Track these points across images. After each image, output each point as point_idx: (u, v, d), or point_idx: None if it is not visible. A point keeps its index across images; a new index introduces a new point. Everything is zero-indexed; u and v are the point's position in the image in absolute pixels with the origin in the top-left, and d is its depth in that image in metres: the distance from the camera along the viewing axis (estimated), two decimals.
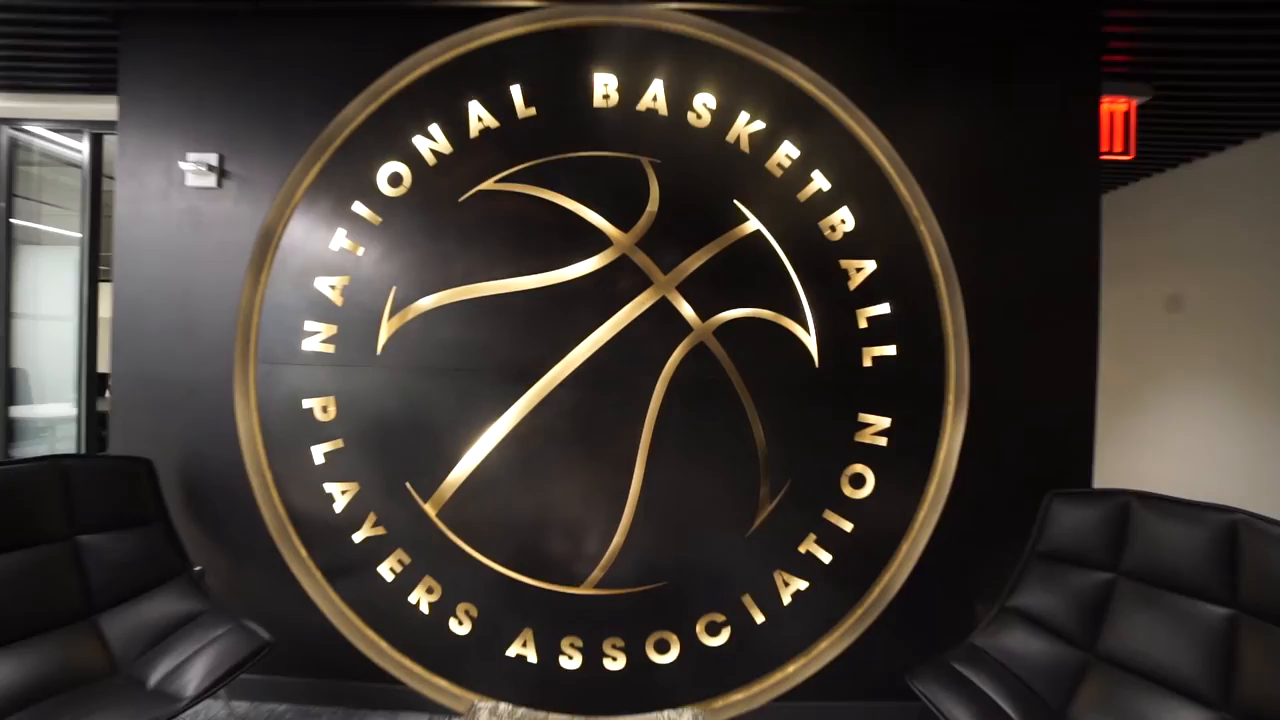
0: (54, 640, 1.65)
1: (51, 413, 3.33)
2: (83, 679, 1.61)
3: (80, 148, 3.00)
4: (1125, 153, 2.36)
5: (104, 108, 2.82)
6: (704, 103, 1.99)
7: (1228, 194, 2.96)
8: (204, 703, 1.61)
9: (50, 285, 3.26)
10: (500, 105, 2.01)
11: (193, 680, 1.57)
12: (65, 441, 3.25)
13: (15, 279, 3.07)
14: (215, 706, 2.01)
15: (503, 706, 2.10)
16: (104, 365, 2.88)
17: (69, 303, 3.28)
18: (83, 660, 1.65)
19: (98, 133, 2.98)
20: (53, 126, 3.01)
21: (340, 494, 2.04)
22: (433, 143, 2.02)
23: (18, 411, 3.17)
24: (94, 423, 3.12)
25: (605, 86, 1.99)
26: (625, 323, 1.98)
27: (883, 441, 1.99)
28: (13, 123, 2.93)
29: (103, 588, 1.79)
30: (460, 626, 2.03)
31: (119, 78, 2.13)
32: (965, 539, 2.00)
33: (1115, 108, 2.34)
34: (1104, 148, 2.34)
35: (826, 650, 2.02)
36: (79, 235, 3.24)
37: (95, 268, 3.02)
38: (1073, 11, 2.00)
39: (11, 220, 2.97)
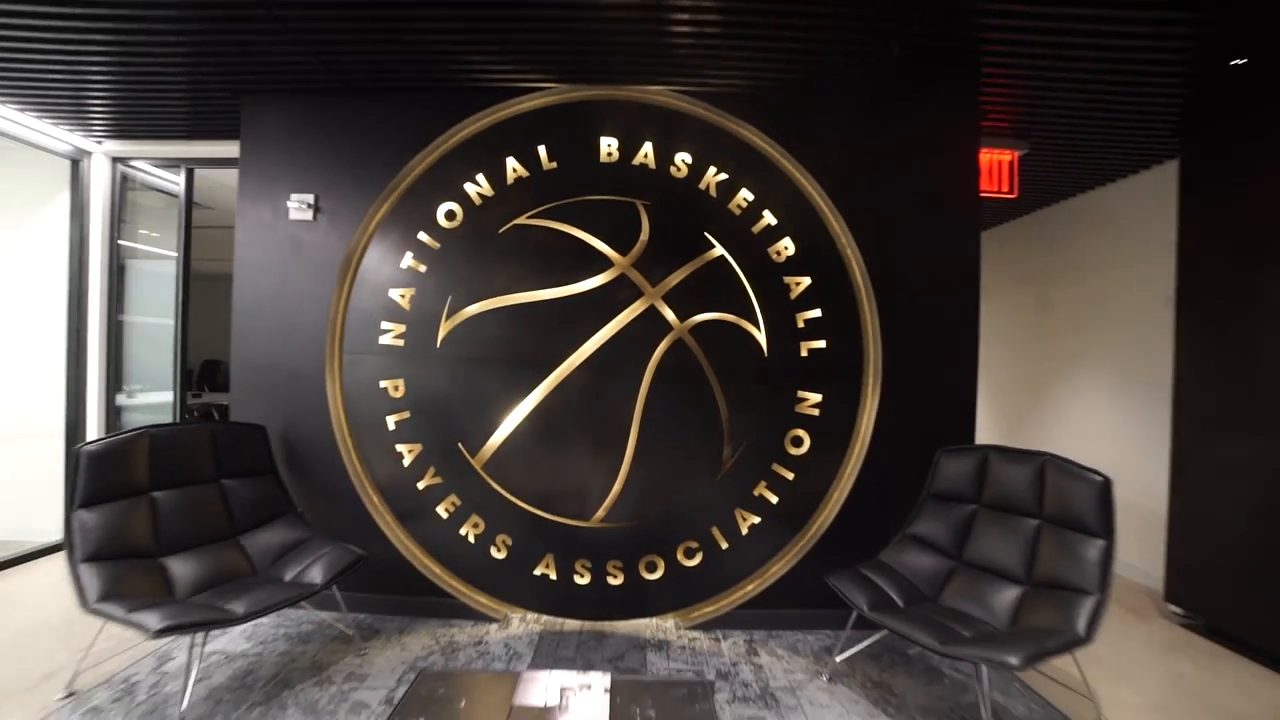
0: (214, 550, 2.30)
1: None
2: (237, 576, 2.26)
3: (177, 179, 3.66)
4: (1010, 192, 3.04)
5: (197, 148, 3.50)
6: (683, 159, 2.66)
7: (1109, 220, 3.64)
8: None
9: None
10: (530, 160, 2.68)
11: (318, 576, 2.22)
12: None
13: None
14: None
15: (530, 615, 2.77)
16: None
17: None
18: (234, 564, 2.30)
19: (190, 168, 3.64)
20: (154, 163, 3.66)
21: (407, 453, 2.69)
22: (479, 187, 2.68)
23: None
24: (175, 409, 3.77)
25: (609, 146, 2.66)
26: (623, 324, 2.64)
27: (816, 412, 2.65)
28: (124, 160, 3.59)
29: (241, 517, 2.44)
30: (498, 553, 2.69)
31: (240, 138, 2.79)
32: (879, 485, 2.66)
33: (1001, 157, 3.02)
34: (993, 188, 3.03)
35: (776, 570, 2.68)
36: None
37: (188, 279, 3.67)
38: (956, 102, 2.67)
39: (120, 241, 3.61)
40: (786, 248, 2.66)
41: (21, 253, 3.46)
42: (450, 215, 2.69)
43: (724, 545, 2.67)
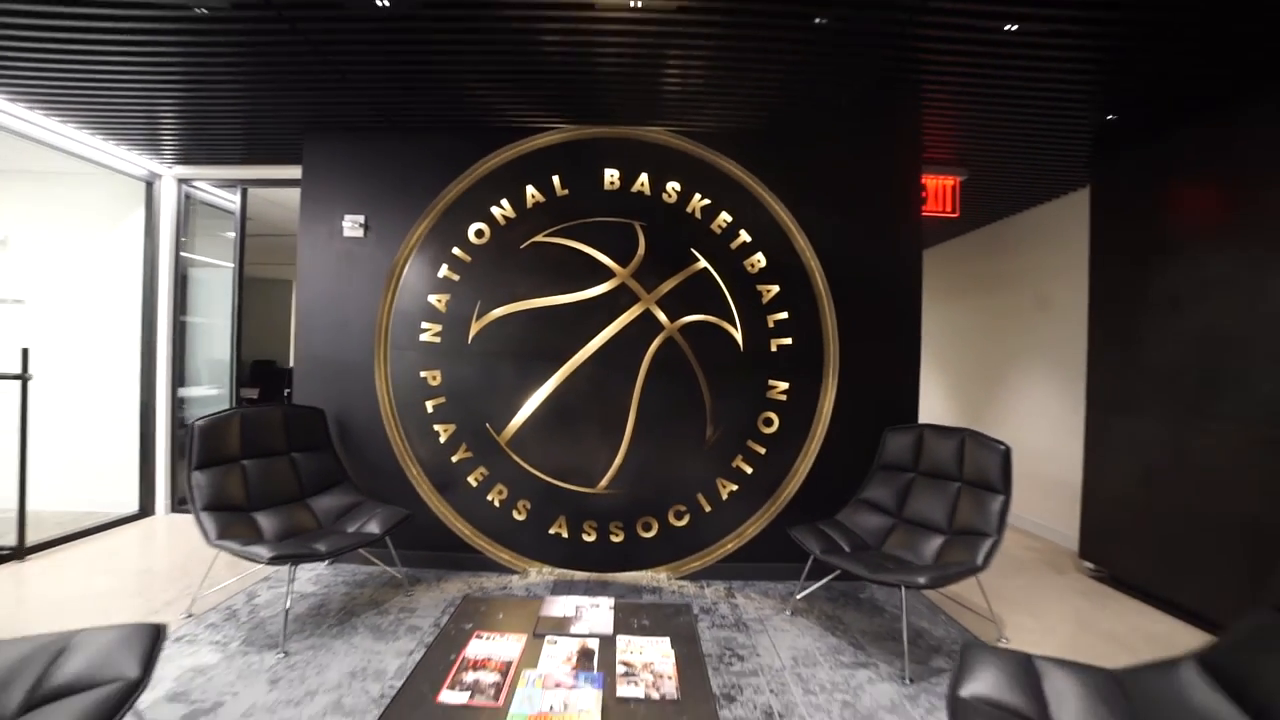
0: (288, 509, 2.82)
1: None
2: (307, 530, 2.79)
3: (233, 199, 4.19)
4: (953, 212, 3.57)
5: (250, 171, 4.02)
6: (673, 187, 3.19)
7: (1043, 235, 4.18)
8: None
9: None
10: (546, 187, 3.20)
11: (376, 528, 2.73)
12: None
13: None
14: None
15: (545, 568, 3.29)
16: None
17: None
18: (305, 521, 2.83)
19: (244, 187, 4.17)
20: (213, 183, 4.18)
21: (443, 432, 3.22)
22: (503, 210, 3.21)
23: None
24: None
25: (611, 176, 3.19)
26: (623, 324, 3.17)
27: (784, 398, 3.18)
28: (187, 181, 4.11)
29: (308, 484, 2.96)
30: (519, 516, 3.21)
31: (303, 168, 3.32)
32: (837, 459, 3.18)
33: (945, 182, 3.56)
34: (938, 208, 3.57)
35: (751, 530, 3.21)
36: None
37: (242, 286, 4.19)
38: (901, 138, 3.20)
39: (182, 254, 4.13)
40: (759, 261, 3.19)
41: (103, 261, 3.99)
42: (479, 233, 3.21)
43: (707, 509, 3.20)
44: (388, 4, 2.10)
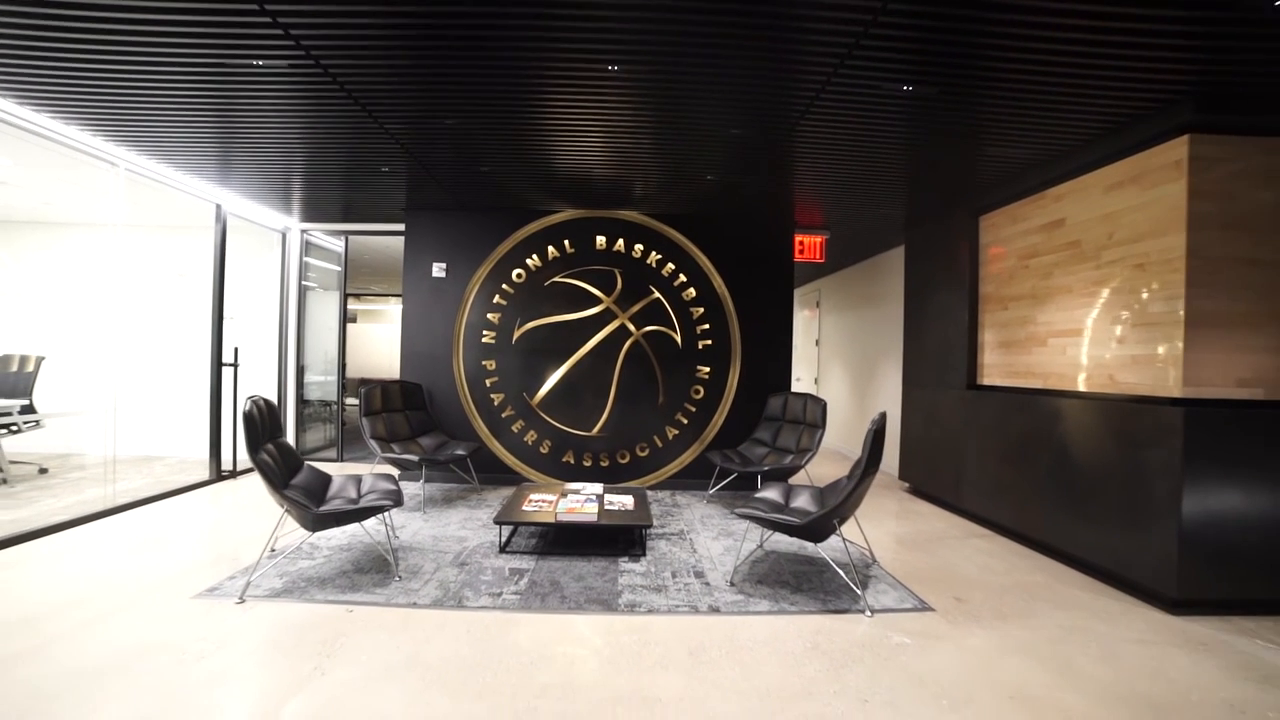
0: (406, 443, 4.73)
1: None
2: (417, 454, 4.69)
3: (338, 243, 6.07)
4: (821, 259, 5.58)
5: (351, 226, 5.91)
6: (638, 247, 5.15)
7: (890, 271, 6.20)
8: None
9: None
10: (560, 247, 5.14)
11: (461, 451, 4.65)
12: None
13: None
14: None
15: (561, 482, 5.23)
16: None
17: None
18: (416, 450, 4.74)
19: (346, 235, 6.04)
20: (325, 232, 6.05)
21: (496, 399, 5.14)
22: (533, 260, 5.14)
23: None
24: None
25: (601, 241, 5.14)
26: (607, 332, 5.11)
27: (707, 376, 5.16)
28: (306, 231, 5.97)
29: (415, 429, 4.87)
30: (544, 451, 5.15)
31: (405, 234, 5.22)
32: (740, 413, 5.17)
33: (816, 239, 5.56)
34: (811, 257, 5.57)
35: (686, 458, 5.19)
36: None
37: (344, 311, 6.07)
38: (780, 214, 5.19)
39: (304, 283, 6.00)
40: (692, 293, 5.16)
41: (251, 288, 5.84)
42: (519, 275, 5.14)
43: (660, 445, 5.17)
44: (487, 169, 4.03)
